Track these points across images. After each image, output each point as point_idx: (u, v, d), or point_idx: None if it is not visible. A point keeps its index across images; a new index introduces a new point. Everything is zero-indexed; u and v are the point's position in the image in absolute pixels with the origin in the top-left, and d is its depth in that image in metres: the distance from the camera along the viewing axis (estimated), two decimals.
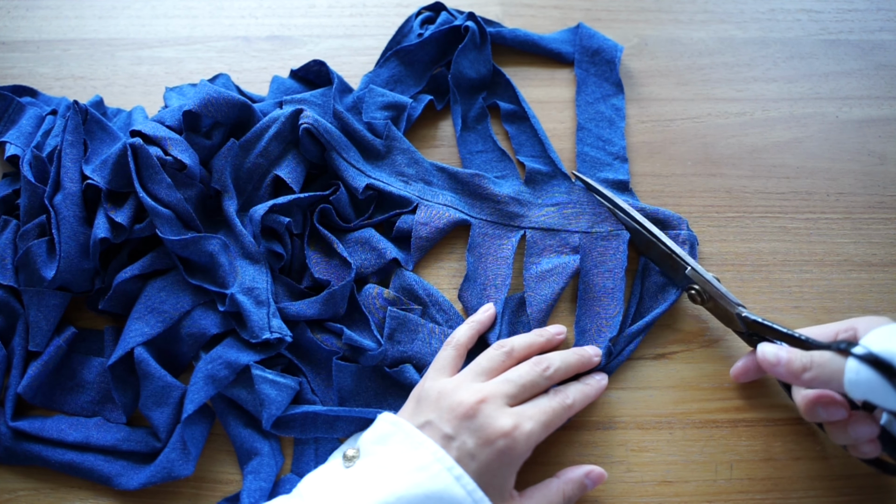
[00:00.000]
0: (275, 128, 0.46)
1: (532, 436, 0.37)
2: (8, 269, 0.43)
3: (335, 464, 0.37)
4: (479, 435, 0.36)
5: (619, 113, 0.52)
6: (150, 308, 0.42)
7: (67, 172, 0.43)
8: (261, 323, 0.42)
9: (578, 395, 0.41)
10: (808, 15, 0.57)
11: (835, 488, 0.42)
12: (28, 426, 0.41)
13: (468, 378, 0.39)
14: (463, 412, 0.36)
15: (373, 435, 0.37)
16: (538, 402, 0.39)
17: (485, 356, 0.41)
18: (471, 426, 0.36)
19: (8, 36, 0.54)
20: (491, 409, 0.37)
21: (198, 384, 0.41)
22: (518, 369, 0.40)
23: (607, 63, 0.53)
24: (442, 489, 0.34)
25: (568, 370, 0.41)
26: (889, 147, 0.52)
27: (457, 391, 0.38)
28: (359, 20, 0.56)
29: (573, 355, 0.42)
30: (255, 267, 0.44)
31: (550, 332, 0.43)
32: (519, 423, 0.36)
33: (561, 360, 0.41)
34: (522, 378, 0.39)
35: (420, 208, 0.47)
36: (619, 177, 0.49)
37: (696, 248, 0.47)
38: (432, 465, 0.35)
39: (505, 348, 0.41)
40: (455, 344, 0.42)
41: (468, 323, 0.43)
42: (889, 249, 0.49)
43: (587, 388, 0.42)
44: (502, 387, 0.38)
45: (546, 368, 0.40)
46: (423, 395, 0.39)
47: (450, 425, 0.36)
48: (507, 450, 0.36)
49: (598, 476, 0.40)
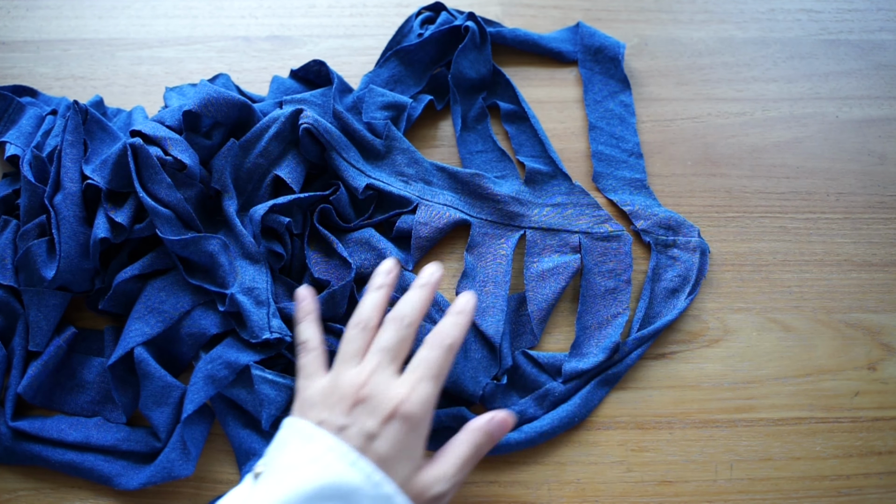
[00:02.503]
0: (275, 128, 0.46)
1: (428, 395, 0.36)
2: (8, 269, 0.43)
3: (246, 482, 0.36)
4: (376, 414, 0.35)
5: (629, 109, 0.52)
6: (150, 308, 0.42)
7: (67, 172, 0.43)
8: (261, 323, 0.42)
9: (454, 328, 0.39)
10: (808, 15, 0.57)
11: (835, 488, 0.42)
12: (28, 426, 0.41)
13: (342, 368, 0.38)
14: (352, 400, 0.36)
15: (274, 443, 0.36)
16: (419, 358, 0.38)
17: (345, 340, 0.39)
18: (365, 409, 0.35)
19: (8, 36, 0.54)
20: (379, 386, 0.36)
21: (198, 384, 0.41)
22: (380, 336, 0.39)
23: (611, 60, 0.53)
24: (335, 478, 0.33)
25: (422, 308, 0.40)
26: (889, 147, 0.52)
27: (338, 384, 0.37)
28: (359, 20, 0.56)
29: (417, 292, 0.40)
30: (255, 267, 0.44)
31: (384, 278, 0.42)
32: (411, 388, 0.36)
33: (410, 303, 0.39)
34: (390, 340, 0.38)
35: (420, 208, 0.47)
36: (637, 175, 0.50)
37: (707, 257, 0.47)
38: (324, 455, 0.34)
39: (360, 324, 0.39)
40: (310, 346, 0.40)
41: (304, 319, 0.42)
42: (889, 249, 0.49)
43: (458, 317, 0.39)
44: (378, 359, 0.37)
45: (402, 319, 0.39)
46: (307, 404, 0.38)
47: (342, 416, 0.35)
48: (409, 417, 0.35)
49: (502, 420, 0.38)
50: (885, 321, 0.47)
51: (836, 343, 0.46)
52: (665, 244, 0.47)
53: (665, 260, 0.47)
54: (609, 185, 0.50)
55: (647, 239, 0.47)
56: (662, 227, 0.48)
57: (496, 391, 0.43)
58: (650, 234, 0.48)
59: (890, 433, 0.44)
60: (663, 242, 0.47)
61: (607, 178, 0.50)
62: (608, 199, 0.49)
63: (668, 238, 0.47)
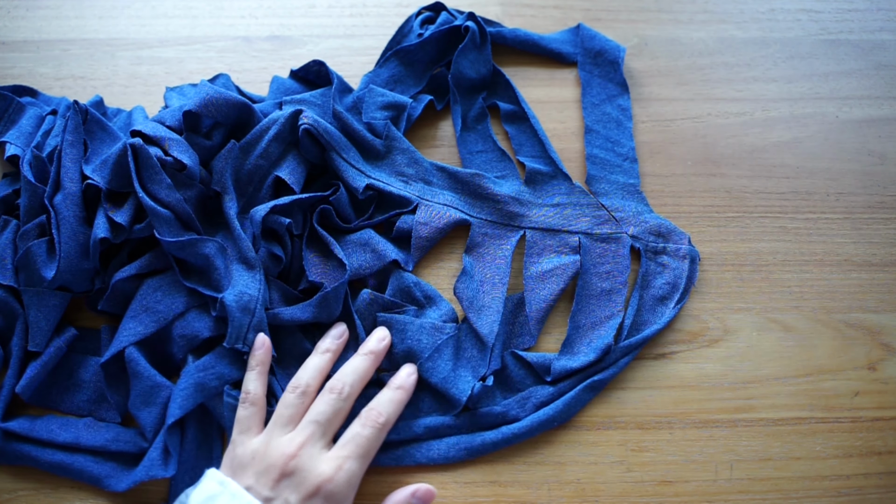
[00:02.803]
0: (275, 129, 0.46)
1: (353, 475, 0.37)
2: (8, 269, 0.43)
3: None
4: (300, 490, 0.36)
5: (626, 113, 0.52)
6: (145, 307, 0.42)
7: (67, 172, 0.43)
8: (239, 332, 0.42)
9: (389, 406, 0.40)
10: (808, 15, 0.57)
11: (835, 488, 0.42)
12: (17, 426, 0.41)
13: (275, 433, 0.39)
14: (279, 472, 0.37)
15: (200, 494, 0.37)
16: (350, 435, 0.39)
17: (282, 404, 0.40)
18: (290, 483, 0.37)
19: (8, 36, 0.54)
20: (305, 461, 0.37)
21: (188, 390, 0.41)
22: (316, 405, 0.39)
23: (610, 64, 0.53)
24: None
25: (364, 377, 0.41)
26: (889, 147, 0.52)
27: (268, 451, 0.38)
28: (359, 20, 0.56)
29: (361, 360, 0.41)
30: (249, 273, 0.43)
31: (332, 343, 0.42)
32: (337, 466, 0.37)
33: (352, 373, 0.40)
34: (324, 413, 0.39)
35: (420, 208, 0.47)
36: (630, 180, 0.49)
37: (697, 264, 0.47)
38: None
39: (299, 388, 0.40)
40: (251, 400, 0.40)
41: (253, 369, 0.41)
42: (889, 249, 0.49)
43: (396, 393, 0.41)
44: (309, 431, 0.38)
45: (341, 391, 0.40)
46: (237, 463, 0.38)
47: (268, 488, 0.36)
48: (332, 496, 0.36)
49: (425, 493, 0.39)
50: (885, 321, 0.47)
51: (836, 343, 0.46)
52: (655, 251, 0.47)
53: (654, 267, 0.47)
54: (602, 188, 0.49)
55: (636, 245, 0.47)
56: (653, 234, 0.47)
57: (482, 392, 0.43)
58: (640, 240, 0.47)
59: (890, 433, 0.44)
60: (653, 249, 0.47)
61: (600, 181, 0.50)
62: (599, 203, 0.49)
63: (658, 245, 0.47)
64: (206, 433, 0.42)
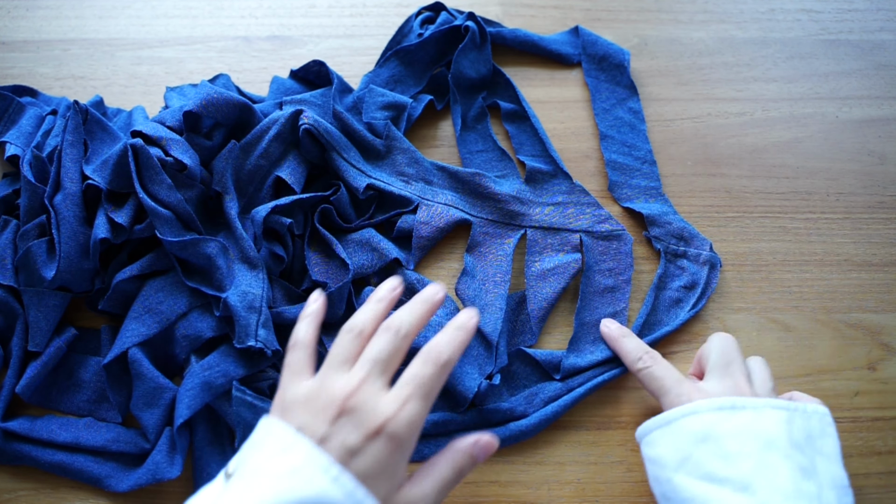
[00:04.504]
0: (275, 129, 0.46)
1: (416, 415, 0.34)
2: (8, 269, 0.43)
3: (217, 481, 0.34)
4: (360, 429, 0.33)
5: (638, 116, 0.52)
6: (147, 308, 0.42)
7: (68, 172, 0.43)
8: (248, 329, 0.41)
9: (451, 346, 0.36)
10: (808, 15, 0.57)
11: None
12: (18, 426, 0.41)
13: (330, 373, 0.36)
14: (338, 409, 0.34)
15: (249, 442, 0.34)
16: (411, 374, 0.35)
17: (337, 345, 0.37)
18: (349, 422, 0.33)
19: (8, 36, 0.54)
20: (366, 399, 0.34)
21: (194, 390, 0.41)
22: (374, 345, 0.36)
23: (616, 67, 0.53)
24: (316, 493, 0.31)
25: (420, 321, 0.38)
26: (889, 147, 0.52)
27: (324, 389, 0.35)
28: (359, 20, 0.56)
29: (419, 304, 0.38)
30: (252, 272, 0.43)
31: (386, 293, 0.40)
32: (400, 406, 0.34)
33: (409, 314, 0.37)
34: (383, 352, 0.36)
35: (421, 208, 0.47)
36: (651, 183, 0.50)
37: (718, 270, 0.47)
38: (305, 467, 0.32)
39: (354, 330, 0.37)
40: (301, 344, 0.38)
41: (304, 318, 0.39)
42: (889, 249, 0.49)
43: (458, 332, 0.37)
44: (368, 369, 0.35)
45: (398, 329, 0.37)
46: (289, 403, 0.35)
47: (325, 425, 0.33)
48: (392, 439, 0.33)
49: (487, 444, 0.36)
50: (885, 321, 0.47)
51: (836, 343, 0.46)
52: (675, 254, 0.47)
53: (673, 269, 0.47)
54: (625, 194, 0.50)
55: (657, 246, 0.47)
56: (675, 237, 0.48)
57: (489, 389, 0.43)
58: (662, 241, 0.48)
59: (890, 433, 0.44)
60: (673, 252, 0.47)
61: (622, 187, 0.50)
62: (624, 208, 0.49)
63: (679, 248, 0.47)
64: (217, 433, 0.42)
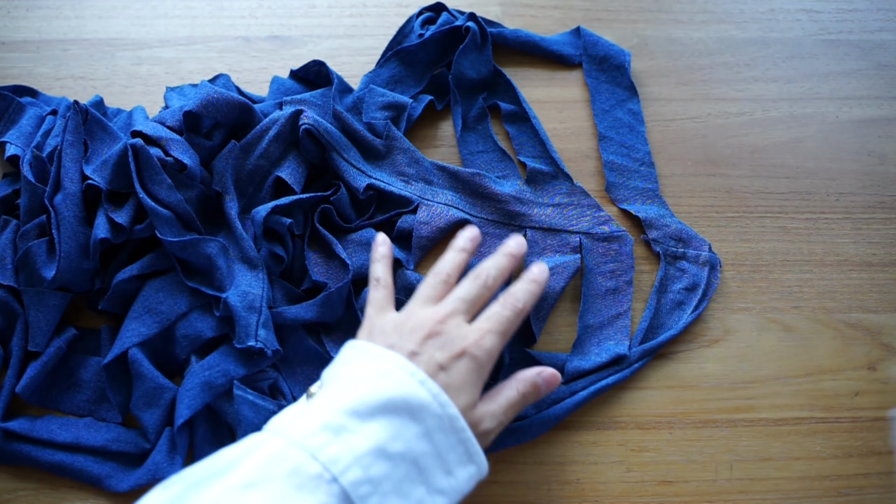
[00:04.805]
0: (275, 129, 0.46)
1: (494, 346, 0.38)
2: (8, 269, 0.43)
3: (300, 402, 0.37)
4: (446, 349, 0.37)
5: (638, 117, 0.52)
6: (148, 308, 0.42)
7: (67, 172, 0.43)
8: (248, 329, 0.41)
9: (526, 294, 0.41)
10: (808, 15, 0.57)
11: (835, 488, 0.42)
12: (18, 426, 0.41)
13: (417, 307, 0.39)
14: (427, 332, 0.37)
15: (335, 363, 0.37)
16: (491, 312, 0.39)
17: (426, 285, 0.41)
18: (436, 342, 0.37)
19: (8, 36, 0.54)
20: (453, 326, 0.38)
21: (194, 390, 0.41)
22: (461, 287, 0.40)
23: (617, 68, 0.53)
24: (405, 392, 0.34)
25: (504, 273, 0.41)
26: (889, 147, 0.52)
27: (412, 316, 0.38)
28: (359, 20, 0.56)
29: (503, 258, 0.42)
30: (252, 272, 0.43)
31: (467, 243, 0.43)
32: (481, 336, 0.38)
33: (494, 266, 0.41)
34: (469, 294, 0.40)
35: (421, 208, 0.47)
36: (649, 185, 0.50)
37: (718, 271, 0.47)
38: (395, 371, 0.35)
39: (441, 276, 0.41)
40: (383, 282, 0.42)
41: (377, 261, 0.43)
42: (889, 249, 0.49)
43: (532, 285, 0.41)
44: (455, 305, 0.39)
45: (486, 279, 0.40)
46: (377, 329, 0.39)
47: (414, 344, 0.37)
48: (474, 360, 0.37)
49: (551, 375, 0.40)
50: (885, 321, 0.47)
51: (836, 343, 0.46)
52: (674, 256, 0.47)
53: (673, 271, 0.47)
54: (622, 195, 0.49)
55: (657, 249, 0.47)
56: (673, 239, 0.48)
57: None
58: (661, 244, 0.48)
59: (890, 433, 0.44)
60: (673, 254, 0.47)
61: (620, 188, 0.50)
62: (621, 209, 0.49)
63: (678, 250, 0.47)
64: (217, 433, 0.42)
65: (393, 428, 0.33)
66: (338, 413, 0.33)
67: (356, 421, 0.33)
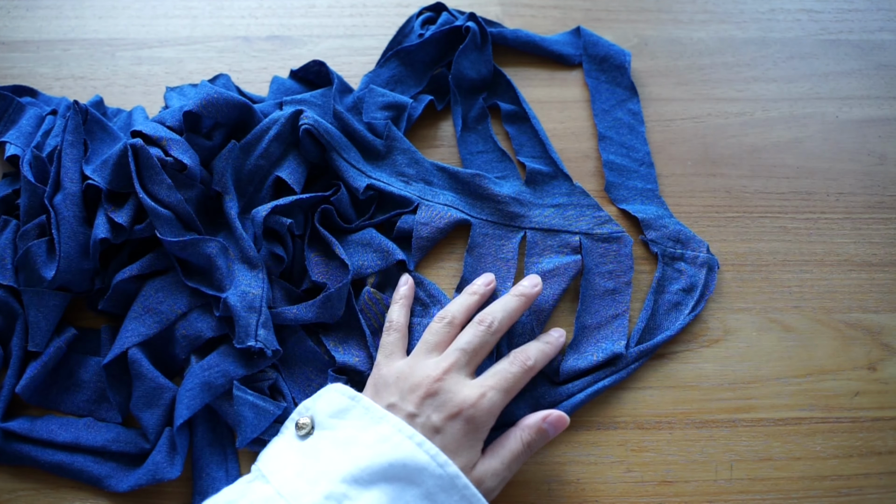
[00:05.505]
0: (275, 129, 0.46)
1: (495, 404, 0.38)
2: (8, 269, 0.43)
3: (288, 436, 0.37)
4: (442, 410, 0.37)
5: (638, 117, 0.52)
6: (147, 308, 0.42)
7: (67, 172, 0.43)
8: (248, 329, 0.41)
9: (539, 354, 0.41)
10: (808, 15, 0.57)
11: (835, 488, 0.42)
12: (17, 427, 0.41)
13: (421, 356, 0.40)
14: (425, 391, 0.37)
15: (328, 407, 0.37)
16: (498, 369, 0.39)
17: (430, 332, 0.41)
18: (434, 403, 0.37)
19: (8, 36, 0.54)
20: (452, 384, 0.38)
21: (194, 390, 0.41)
22: (464, 335, 0.40)
23: (617, 69, 0.53)
24: (405, 456, 0.34)
25: (512, 316, 0.41)
26: (889, 147, 0.52)
27: (414, 371, 0.39)
28: (359, 20, 0.56)
29: (512, 299, 0.42)
30: (252, 272, 0.43)
31: (480, 287, 0.43)
32: (481, 394, 0.37)
33: (502, 310, 0.41)
34: (472, 343, 0.40)
35: (421, 208, 0.47)
36: (648, 185, 0.50)
37: (715, 272, 0.47)
38: (394, 435, 0.35)
39: (446, 319, 0.41)
40: (396, 326, 0.42)
41: (397, 302, 0.44)
42: (889, 249, 0.49)
43: (546, 346, 0.42)
44: (456, 357, 0.39)
45: (490, 324, 0.40)
46: (381, 382, 0.39)
47: (413, 405, 0.37)
48: (472, 420, 0.37)
49: (557, 419, 0.39)
50: (885, 321, 0.47)
51: (836, 343, 0.46)
52: (672, 256, 0.47)
53: (671, 272, 0.47)
54: (621, 195, 0.49)
55: (654, 249, 0.47)
56: (671, 240, 0.47)
57: None
58: (659, 244, 0.47)
59: (890, 433, 0.44)
60: (671, 255, 0.47)
61: (619, 188, 0.50)
62: (620, 209, 0.49)
63: (676, 251, 0.47)
64: (217, 433, 0.42)
65: (393, 492, 0.34)
66: (339, 483, 0.34)
67: (357, 489, 0.33)
